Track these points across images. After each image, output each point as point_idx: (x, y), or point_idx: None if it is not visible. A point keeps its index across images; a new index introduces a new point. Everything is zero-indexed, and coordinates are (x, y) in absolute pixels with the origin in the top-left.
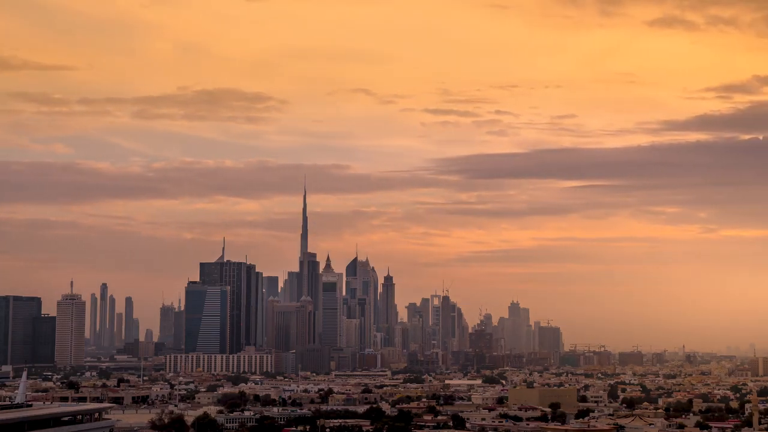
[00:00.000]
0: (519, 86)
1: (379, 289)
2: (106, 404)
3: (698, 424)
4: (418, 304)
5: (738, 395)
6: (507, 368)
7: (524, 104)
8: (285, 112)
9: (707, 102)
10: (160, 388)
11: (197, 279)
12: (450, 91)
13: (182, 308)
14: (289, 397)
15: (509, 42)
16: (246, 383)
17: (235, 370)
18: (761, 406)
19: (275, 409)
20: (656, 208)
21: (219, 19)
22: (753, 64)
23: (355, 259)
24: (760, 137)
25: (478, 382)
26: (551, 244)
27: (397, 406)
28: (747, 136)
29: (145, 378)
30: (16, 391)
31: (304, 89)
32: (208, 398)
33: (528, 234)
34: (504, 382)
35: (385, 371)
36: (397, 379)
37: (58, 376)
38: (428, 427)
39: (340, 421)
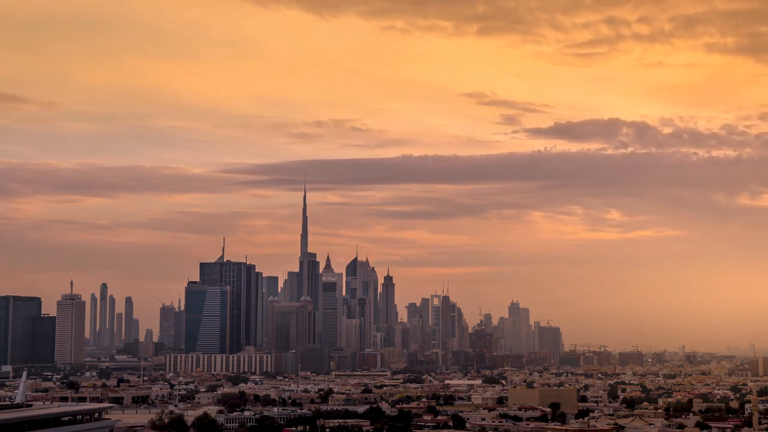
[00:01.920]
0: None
1: (379, 289)
2: (106, 404)
3: (698, 424)
4: (418, 304)
5: (738, 395)
6: (507, 368)
7: (298, 107)
8: (57, 113)
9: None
10: (160, 388)
11: (196, 279)
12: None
13: (182, 308)
14: (289, 397)
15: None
16: (246, 383)
17: (235, 370)
18: (761, 406)
19: (275, 409)
20: (563, 208)
21: None
22: (493, 70)
23: (355, 259)
24: (605, 145)
25: (478, 382)
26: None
27: (397, 406)
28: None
29: (145, 378)
30: (16, 391)
31: (64, 90)
32: (208, 398)
33: (430, 236)
34: (504, 382)
35: (385, 371)
36: (397, 379)
37: (58, 376)
38: (428, 427)
39: (340, 421)
